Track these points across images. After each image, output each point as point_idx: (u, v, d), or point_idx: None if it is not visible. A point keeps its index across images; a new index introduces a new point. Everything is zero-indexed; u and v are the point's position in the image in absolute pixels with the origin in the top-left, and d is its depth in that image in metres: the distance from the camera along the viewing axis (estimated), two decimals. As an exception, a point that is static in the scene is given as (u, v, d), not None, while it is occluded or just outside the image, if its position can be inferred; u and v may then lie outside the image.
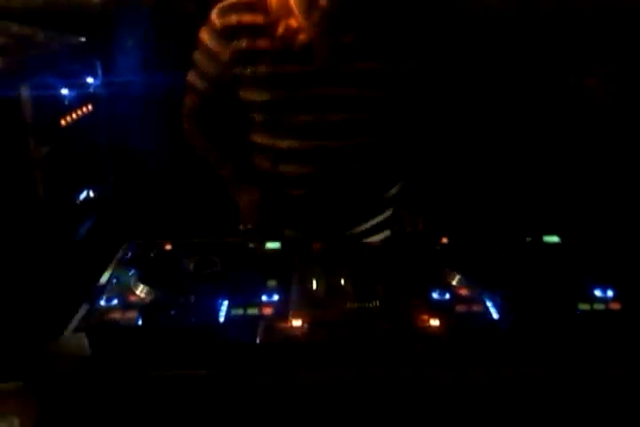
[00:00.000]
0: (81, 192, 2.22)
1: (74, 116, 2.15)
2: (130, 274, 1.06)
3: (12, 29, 2.11)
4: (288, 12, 1.33)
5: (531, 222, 2.16)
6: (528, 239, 1.20)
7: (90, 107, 2.26)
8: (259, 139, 1.47)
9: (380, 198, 1.54)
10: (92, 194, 2.26)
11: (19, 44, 2.03)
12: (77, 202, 2.19)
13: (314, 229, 1.47)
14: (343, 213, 1.49)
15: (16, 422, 0.88)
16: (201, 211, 1.48)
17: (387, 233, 1.56)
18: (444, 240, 1.20)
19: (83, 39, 2.27)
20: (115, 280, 1.05)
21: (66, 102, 2.11)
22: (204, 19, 1.39)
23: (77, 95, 2.18)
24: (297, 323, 0.94)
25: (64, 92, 2.10)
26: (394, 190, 1.56)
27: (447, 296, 1.00)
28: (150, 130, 1.51)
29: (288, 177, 1.45)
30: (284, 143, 1.42)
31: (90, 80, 2.27)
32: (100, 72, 2.34)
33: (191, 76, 1.48)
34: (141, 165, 2.10)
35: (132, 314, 0.94)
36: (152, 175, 2.01)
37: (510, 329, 0.94)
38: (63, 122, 2.08)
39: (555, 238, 1.19)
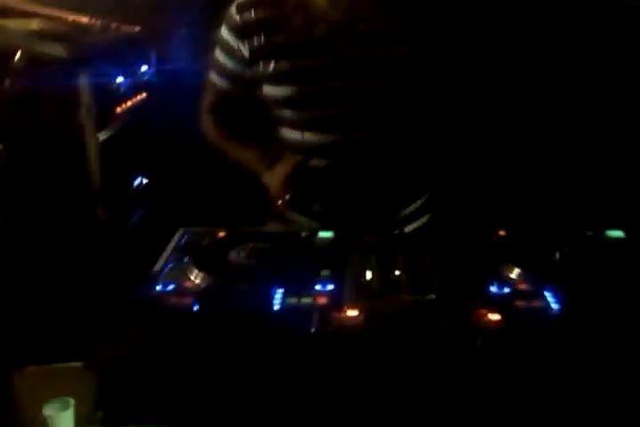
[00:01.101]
0: (135, 179, 2.25)
1: (129, 104, 2.18)
2: (185, 260, 1.07)
3: (70, 19, 2.15)
4: (308, 2, 1.31)
5: (593, 216, 2.09)
6: (589, 233, 1.16)
7: (144, 95, 2.30)
8: (286, 135, 1.44)
9: (415, 184, 1.50)
10: (145, 181, 2.29)
11: (77, 34, 2.06)
12: (131, 189, 2.23)
13: (351, 220, 1.43)
14: (379, 202, 1.45)
15: (71, 402, 0.89)
16: (254, 199, 1.47)
17: (425, 219, 1.52)
18: (502, 233, 1.17)
19: (138, 28, 2.30)
20: (170, 266, 1.06)
21: (121, 90, 2.15)
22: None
23: (132, 83, 2.22)
24: (352, 313, 0.93)
25: (120, 80, 2.13)
26: (428, 174, 1.52)
27: (506, 290, 0.97)
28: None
29: (320, 171, 1.41)
30: (314, 138, 1.39)
31: (145, 68, 2.30)
32: (154, 61, 2.37)
33: (211, 74, 1.46)
34: (194, 153, 2.12)
35: (187, 300, 0.94)
36: (205, 163, 2.02)
37: (572, 325, 0.91)
38: (119, 109, 2.12)
39: (618, 233, 1.15)
